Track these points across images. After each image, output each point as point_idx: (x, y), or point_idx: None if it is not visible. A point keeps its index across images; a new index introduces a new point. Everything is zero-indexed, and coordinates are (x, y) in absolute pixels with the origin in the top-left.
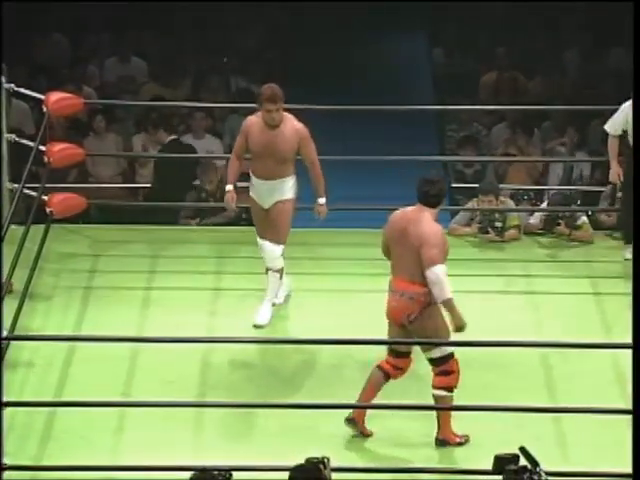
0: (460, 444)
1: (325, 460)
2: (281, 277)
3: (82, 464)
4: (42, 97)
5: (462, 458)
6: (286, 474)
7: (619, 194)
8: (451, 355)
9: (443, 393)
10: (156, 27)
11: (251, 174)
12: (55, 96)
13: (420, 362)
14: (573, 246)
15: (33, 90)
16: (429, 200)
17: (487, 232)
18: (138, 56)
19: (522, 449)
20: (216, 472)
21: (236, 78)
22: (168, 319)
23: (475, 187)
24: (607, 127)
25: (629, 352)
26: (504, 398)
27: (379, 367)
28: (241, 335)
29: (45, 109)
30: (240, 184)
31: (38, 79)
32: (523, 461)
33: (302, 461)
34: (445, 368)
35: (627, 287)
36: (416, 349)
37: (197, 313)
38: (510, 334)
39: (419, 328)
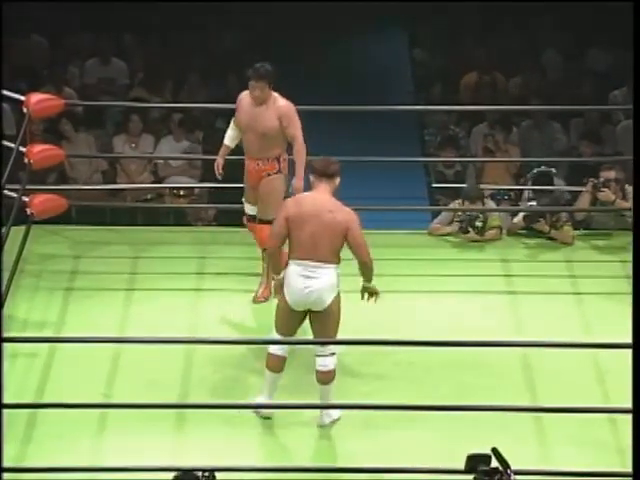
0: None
1: (207, 473)
2: None
3: (63, 465)
4: (22, 98)
5: (440, 458)
6: (271, 475)
7: (599, 194)
8: None
9: None
10: (136, 28)
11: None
12: (36, 97)
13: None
14: (553, 246)
15: (12, 91)
16: None
17: (468, 232)
18: (118, 57)
19: (494, 450)
20: (199, 472)
21: (218, 80)
22: (150, 320)
23: (456, 187)
24: None
25: (610, 352)
26: (484, 398)
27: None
28: (223, 336)
29: (26, 110)
30: None
31: (18, 80)
32: (495, 462)
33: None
34: None
35: (607, 287)
36: None
37: (179, 314)
38: (490, 334)
39: None
